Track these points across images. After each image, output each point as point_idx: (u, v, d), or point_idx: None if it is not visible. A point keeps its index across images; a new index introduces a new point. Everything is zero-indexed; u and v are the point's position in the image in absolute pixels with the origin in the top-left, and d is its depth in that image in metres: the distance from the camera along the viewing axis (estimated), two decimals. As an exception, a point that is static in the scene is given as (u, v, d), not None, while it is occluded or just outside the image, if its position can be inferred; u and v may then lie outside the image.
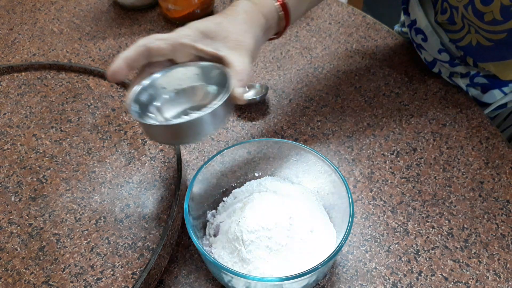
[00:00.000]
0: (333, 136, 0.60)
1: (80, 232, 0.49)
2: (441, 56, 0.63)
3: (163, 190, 0.53)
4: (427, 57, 0.66)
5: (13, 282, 0.45)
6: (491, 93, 0.64)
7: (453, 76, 0.65)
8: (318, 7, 0.83)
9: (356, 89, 0.67)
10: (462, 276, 0.46)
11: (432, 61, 0.65)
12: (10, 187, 0.54)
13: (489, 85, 0.63)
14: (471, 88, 0.65)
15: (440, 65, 0.65)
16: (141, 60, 0.43)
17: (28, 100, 0.65)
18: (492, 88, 0.63)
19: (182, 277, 0.46)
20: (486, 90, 0.64)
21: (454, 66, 0.63)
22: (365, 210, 0.52)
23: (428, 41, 0.63)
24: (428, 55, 0.65)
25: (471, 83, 0.64)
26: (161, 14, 0.82)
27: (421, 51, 0.66)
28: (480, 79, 0.63)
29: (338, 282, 0.45)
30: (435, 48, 0.63)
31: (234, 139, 0.60)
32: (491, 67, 0.59)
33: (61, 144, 0.59)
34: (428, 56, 0.65)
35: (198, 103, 0.45)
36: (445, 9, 0.59)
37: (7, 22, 0.81)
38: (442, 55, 0.63)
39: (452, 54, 0.62)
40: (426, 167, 0.56)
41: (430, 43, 0.63)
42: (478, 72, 0.63)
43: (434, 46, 0.63)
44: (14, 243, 0.48)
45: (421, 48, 0.66)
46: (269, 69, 0.70)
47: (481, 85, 0.64)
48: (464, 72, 0.63)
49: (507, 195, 0.53)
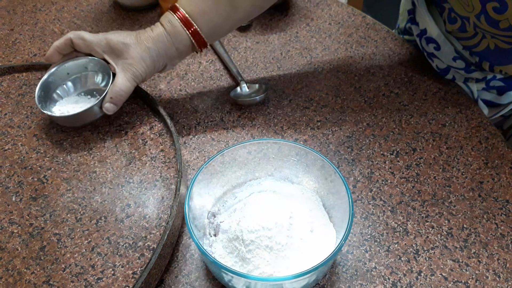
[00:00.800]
0: (333, 136, 0.60)
1: (81, 232, 0.49)
2: (456, 63, 0.62)
3: (163, 190, 0.53)
4: (439, 64, 0.65)
5: (14, 282, 0.45)
6: (507, 95, 0.64)
7: (468, 81, 0.64)
8: (318, 7, 0.83)
9: (356, 89, 0.67)
10: (462, 276, 0.46)
11: (445, 69, 0.64)
12: (11, 187, 0.54)
13: (506, 88, 0.63)
14: (485, 92, 0.64)
15: (454, 71, 0.64)
16: (67, 49, 0.59)
17: (29, 101, 0.65)
18: (509, 90, 0.63)
19: (182, 276, 0.46)
20: (502, 93, 0.63)
21: (470, 72, 0.62)
22: (364, 210, 0.52)
23: (441, 50, 0.62)
24: (440, 62, 0.64)
25: (486, 87, 0.64)
26: (161, 15, 0.82)
27: (433, 59, 0.65)
28: (496, 82, 0.63)
29: (338, 282, 0.46)
30: (449, 56, 0.62)
31: (234, 139, 0.60)
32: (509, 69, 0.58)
33: (62, 144, 0.59)
34: (441, 64, 0.64)
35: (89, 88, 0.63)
36: (454, 19, 0.58)
37: (8, 22, 0.81)
38: (457, 63, 0.62)
39: (467, 61, 0.61)
40: (426, 167, 0.56)
41: (443, 52, 0.62)
42: (494, 76, 0.62)
43: (448, 54, 0.62)
44: (15, 243, 0.48)
45: (432, 56, 0.65)
46: (269, 69, 0.71)
47: (497, 88, 0.63)
48: (480, 77, 0.63)
49: (506, 195, 0.53)
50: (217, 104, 0.65)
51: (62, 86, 0.62)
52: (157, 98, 0.66)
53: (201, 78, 0.69)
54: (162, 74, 0.70)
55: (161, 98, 0.66)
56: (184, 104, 0.65)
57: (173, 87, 0.68)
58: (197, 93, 0.67)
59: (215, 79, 0.69)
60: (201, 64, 0.72)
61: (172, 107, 0.65)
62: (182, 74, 0.70)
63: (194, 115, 0.63)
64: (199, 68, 0.71)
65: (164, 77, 0.69)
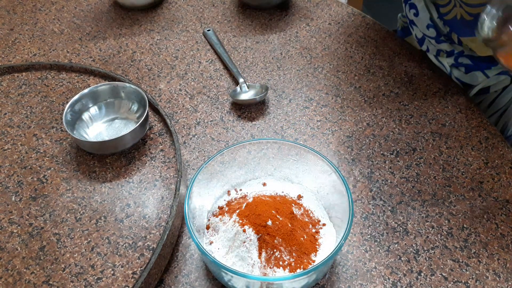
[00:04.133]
0: (333, 136, 0.60)
1: (81, 232, 0.49)
2: (429, 31, 0.65)
3: (163, 190, 0.53)
4: (417, 33, 0.68)
5: (14, 282, 0.45)
6: (473, 75, 0.65)
7: (439, 55, 0.67)
8: (318, 7, 0.83)
9: (356, 89, 0.67)
10: (462, 275, 0.46)
11: (422, 38, 0.67)
12: (10, 187, 0.54)
13: (472, 66, 0.64)
14: (455, 69, 0.66)
15: (428, 42, 0.67)
16: None
17: (29, 100, 0.65)
18: (475, 70, 0.64)
19: (182, 276, 0.46)
20: (469, 71, 0.65)
21: (439, 42, 0.65)
22: (364, 210, 0.52)
23: (419, 16, 0.65)
24: (418, 31, 0.67)
25: (455, 63, 0.65)
26: (161, 14, 0.82)
27: (413, 27, 0.68)
28: (464, 59, 0.64)
29: (338, 282, 0.46)
30: (424, 23, 0.65)
31: (234, 139, 0.60)
32: (469, 42, 0.60)
33: (62, 144, 0.59)
34: (418, 33, 0.67)
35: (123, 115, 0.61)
36: None
37: (7, 22, 0.81)
38: (430, 31, 0.65)
39: (439, 31, 0.64)
40: (426, 167, 0.56)
41: (420, 18, 0.65)
42: (462, 51, 0.64)
43: (423, 21, 0.65)
44: (15, 243, 0.48)
45: (413, 24, 0.68)
46: (269, 69, 0.71)
47: (465, 65, 0.65)
48: (449, 50, 0.65)
49: (506, 195, 0.53)
50: (217, 104, 0.65)
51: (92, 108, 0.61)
52: (157, 98, 0.66)
53: (201, 78, 0.69)
54: (162, 74, 0.70)
55: (161, 98, 0.66)
56: (184, 104, 0.65)
57: (173, 87, 0.68)
58: (197, 93, 0.67)
59: (215, 79, 0.69)
60: (201, 64, 0.72)
61: (172, 107, 0.64)
62: (182, 74, 0.70)
63: (194, 115, 0.63)
64: (199, 68, 0.71)
65: (164, 77, 0.69)
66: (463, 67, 0.65)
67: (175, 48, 0.75)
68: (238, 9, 0.84)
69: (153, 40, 0.77)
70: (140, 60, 0.72)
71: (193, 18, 0.82)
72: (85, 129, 0.59)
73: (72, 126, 0.57)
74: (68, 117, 0.57)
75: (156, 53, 0.74)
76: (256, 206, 0.44)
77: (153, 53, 0.74)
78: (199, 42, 0.76)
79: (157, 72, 0.70)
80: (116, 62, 0.72)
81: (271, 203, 0.45)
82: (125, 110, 0.61)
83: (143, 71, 0.70)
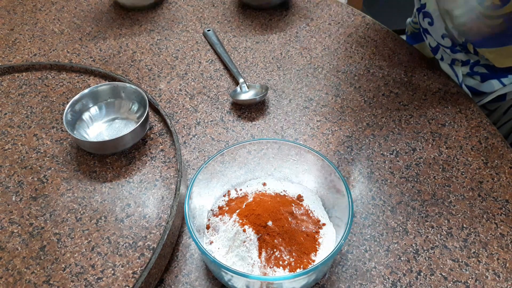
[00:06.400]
0: (333, 136, 0.60)
1: (81, 232, 0.49)
2: (444, 41, 0.64)
3: (163, 190, 0.53)
4: (431, 42, 0.67)
5: (14, 282, 0.45)
6: (489, 83, 0.65)
7: (454, 63, 0.66)
8: (318, 7, 0.83)
9: (356, 89, 0.67)
10: (462, 275, 0.46)
11: (436, 47, 0.67)
12: (11, 186, 0.54)
13: (489, 75, 0.64)
14: (469, 78, 0.66)
15: (442, 51, 0.66)
16: None
17: (29, 100, 0.65)
18: (491, 78, 0.64)
19: (182, 276, 0.47)
20: (485, 80, 0.65)
21: (455, 52, 0.64)
22: (364, 210, 0.52)
23: (433, 25, 0.65)
24: (432, 40, 0.67)
25: (471, 72, 0.65)
26: (161, 14, 0.82)
27: (426, 36, 0.67)
28: (480, 68, 0.64)
29: (338, 282, 0.46)
30: (439, 33, 0.64)
31: (234, 139, 0.60)
32: (487, 54, 0.60)
33: (62, 144, 0.59)
34: (432, 41, 0.67)
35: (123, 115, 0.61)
36: None
37: (8, 22, 0.81)
38: (445, 41, 0.64)
39: (454, 41, 0.63)
40: (426, 167, 0.56)
41: (435, 28, 0.64)
42: (478, 60, 0.64)
43: (438, 30, 0.64)
44: (15, 243, 0.48)
45: (426, 33, 0.67)
46: (269, 69, 0.71)
47: (481, 74, 0.65)
48: (464, 59, 0.64)
49: (506, 195, 0.53)
50: (217, 104, 0.65)
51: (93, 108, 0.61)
52: (157, 98, 0.66)
53: (201, 78, 0.69)
54: (162, 74, 0.70)
55: (161, 98, 0.66)
56: (184, 104, 0.65)
57: (173, 87, 0.68)
58: (197, 93, 0.67)
59: (215, 79, 0.69)
60: (201, 64, 0.72)
61: (172, 107, 0.65)
62: (182, 74, 0.70)
63: (194, 115, 0.63)
64: (199, 68, 0.71)
65: (164, 77, 0.69)
66: (478, 76, 0.65)
67: (175, 48, 0.75)
68: (238, 9, 0.84)
69: (153, 40, 0.77)
70: (140, 60, 0.73)
71: (193, 18, 0.82)
72: (86, 129, 0.59)
73: (72, 126, 0.57)
74: (68, 117, 0.57)
75: (156, 53, 0.74)
76: (256, 206, 0.44)
77: (153, 53, 0.74)
78: (199, 42, 0.76)
79: (157, 72, 0.70)
80: (116, 62, 0.72)
81: (271, 203, 0.45)
82: (125, 110, 0.61)
83: (143, 71, 0.70)
